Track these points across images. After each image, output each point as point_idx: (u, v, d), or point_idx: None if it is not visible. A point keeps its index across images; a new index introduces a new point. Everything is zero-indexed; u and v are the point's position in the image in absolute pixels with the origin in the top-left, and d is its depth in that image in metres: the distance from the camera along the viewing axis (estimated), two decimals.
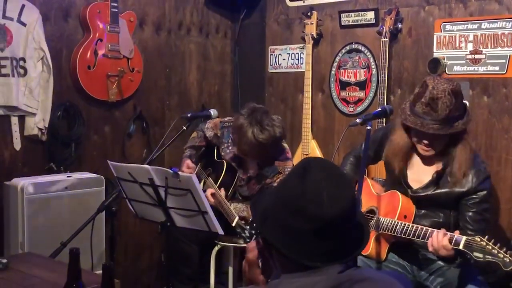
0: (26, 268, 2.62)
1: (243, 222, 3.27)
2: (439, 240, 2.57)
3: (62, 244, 3.01)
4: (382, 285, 1.49)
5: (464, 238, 2.51)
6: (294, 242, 1.48)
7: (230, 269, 3.82)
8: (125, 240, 4.12)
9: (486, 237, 2.46)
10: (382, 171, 3.31)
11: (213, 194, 3.47)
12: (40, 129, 3.61)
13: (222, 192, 3.53)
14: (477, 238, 2.47)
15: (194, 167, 3.63)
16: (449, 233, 2.57)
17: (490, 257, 2.42)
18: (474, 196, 2.73)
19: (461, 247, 2.50)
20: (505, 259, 2.40)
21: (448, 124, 2.65)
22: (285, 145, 3.63)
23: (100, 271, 2.06)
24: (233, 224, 3.26)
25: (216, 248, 3.65)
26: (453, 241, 2.53)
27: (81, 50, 3.74)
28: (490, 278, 3.18)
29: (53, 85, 3.62)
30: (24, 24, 3.50)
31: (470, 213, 2.72)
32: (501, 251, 2.41)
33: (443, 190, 2.78)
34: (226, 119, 3.73)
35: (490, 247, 2.43)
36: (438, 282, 2.79)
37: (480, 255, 2.45)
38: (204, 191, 3.33)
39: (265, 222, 1.55)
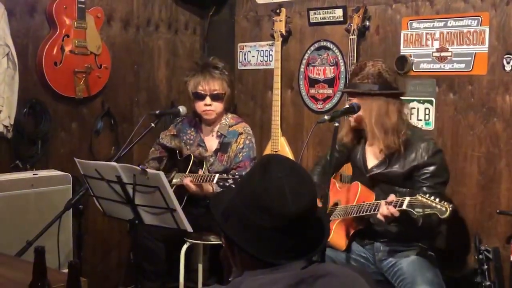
0: None
1: (224, 175, 3.30)
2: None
3: (28, 243, 2.97)
4: (344, 280, 1.49)
5: (407, 198, 2.59)
6: (258, 240, 1.47)
7: (200, 267, 3.82)
8: (93, 239, 4.07)
9: (427, 195, 2.54)
10: (350, 168, 3.34)
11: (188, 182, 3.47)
12: (5, 126, 3.53)
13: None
14: (419, 197, 2.56)
15: None
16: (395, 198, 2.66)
17: (428, 209, 2.50)
18: (425, 171, 2.82)
19: (404, 206, 2.57)
20: (442, 208, 2.47)
21: (355, 87, 2.89)
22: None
23: (67, 270, 2.04)
24: (215, 181, 3.27)
25: (185, 246, 3.64)
26: (398, 203, 2.60)
27: (47, 46, 3.69)
28: (455, 273, 3.24)
29: (18, 82, 3.55)
30: None
31: (424, 188, 2.79)
32: (439, 203, 2.48)
33: (395, 166, 2.88)
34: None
35: (429, 202, 2.51)
36: (397, 275, 2.85)
37: (420, 210, 2.53)
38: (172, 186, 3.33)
39: (227, 220, 1.53)
